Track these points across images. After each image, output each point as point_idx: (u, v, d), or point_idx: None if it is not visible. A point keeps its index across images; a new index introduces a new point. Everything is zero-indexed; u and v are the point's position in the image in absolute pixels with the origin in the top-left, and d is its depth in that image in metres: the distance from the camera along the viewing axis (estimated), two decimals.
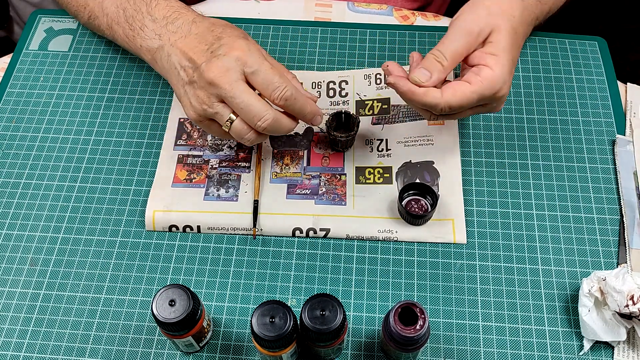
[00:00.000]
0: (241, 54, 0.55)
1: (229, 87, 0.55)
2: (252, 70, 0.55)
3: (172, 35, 0.60)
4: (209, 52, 0.57)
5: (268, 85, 0.55)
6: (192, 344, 0.55)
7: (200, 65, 0.56)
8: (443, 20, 0.81)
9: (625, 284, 0.54)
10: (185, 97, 0.58)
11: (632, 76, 0.79)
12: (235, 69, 0.55)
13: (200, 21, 0.61)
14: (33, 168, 0.69)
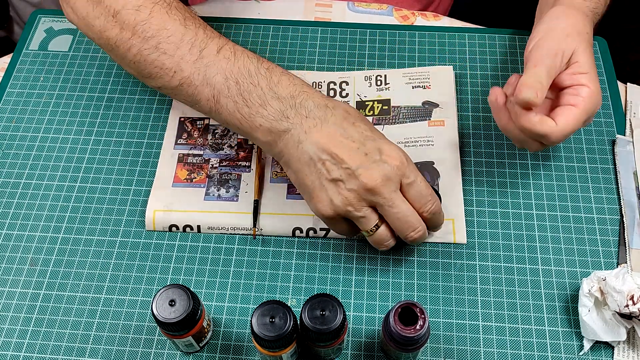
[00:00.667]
0: (400, 164, 0.54)
1: (389, 196, 0.53)
2: (409, 182, 0.54)
3: (304, 121, 0.54)
4: (363, 154, 0.53)
5: (421, 198, 0.55)
6: (192, 344, 0.55)
7: (355, 169, 0.53)
8: (443, 21, 0.81)
9: (625, 284, 0.54)
10: (323, 192, 0.54)
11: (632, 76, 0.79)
12: (395, 179, 0.53)
13: (333, 107, 0.56)
14: (33, 168, 0.69)
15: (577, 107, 0.57)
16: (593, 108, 0.58)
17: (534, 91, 0.55)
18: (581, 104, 0.57)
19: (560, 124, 0.56)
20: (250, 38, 0.78)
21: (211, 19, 0.80)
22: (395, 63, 0.76)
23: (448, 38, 0.78)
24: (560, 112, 0.57)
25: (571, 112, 0.57)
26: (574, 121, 0.56)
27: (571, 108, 0.57)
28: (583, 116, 0.57)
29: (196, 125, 0.71)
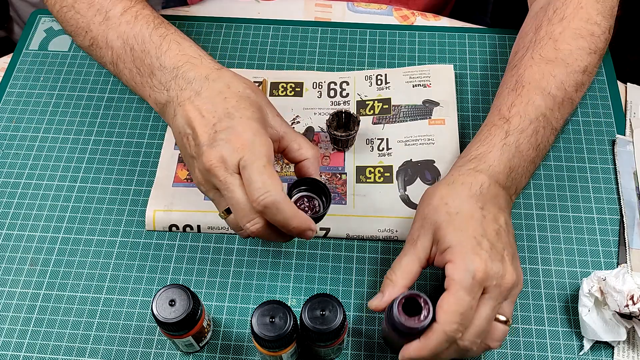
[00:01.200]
0: (242, 146, 0.49)
1: (223, 179, 0.49)
2: (243, 165, 0.49)
3: (180, 92, 0.53)
4: (214, 131, 0.50)
5: (250, 185, 0.48)
6: (192, 344, 0.55)
7: (201, 146, 0.50)
8: (443, 21, 0.81)
9: (625, 284, 0.54)
10: (189, 167, 0.53)
11: (632, 76, 0.78)
12: (231, 161, 0.49)
13: (214, 79, 0.53)
14: (33, 168, 0.69)
15: (447, 291, 0.49)
16: (468, 279, 0.48)
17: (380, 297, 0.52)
18: (450, 284, 0.49)
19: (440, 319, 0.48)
20: (250, 38, 0.78)
21: (211, 19, 0.80)
22: (395, 63, 0.76)
23: (448, 38, 0.78)
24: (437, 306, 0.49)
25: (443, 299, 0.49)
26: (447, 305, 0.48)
27: (444, 295, 0.49)
28: (458, 292, 0.48)
29: None
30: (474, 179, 0.54)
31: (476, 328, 0.49)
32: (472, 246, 0.50)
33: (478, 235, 0.50)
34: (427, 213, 0.53)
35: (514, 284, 0.50)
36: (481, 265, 0.49)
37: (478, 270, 0.48)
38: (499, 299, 0.50)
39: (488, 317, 0.49)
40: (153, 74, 0.55)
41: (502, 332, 0.51)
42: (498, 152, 0.56)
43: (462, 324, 0.48)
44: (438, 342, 0.48)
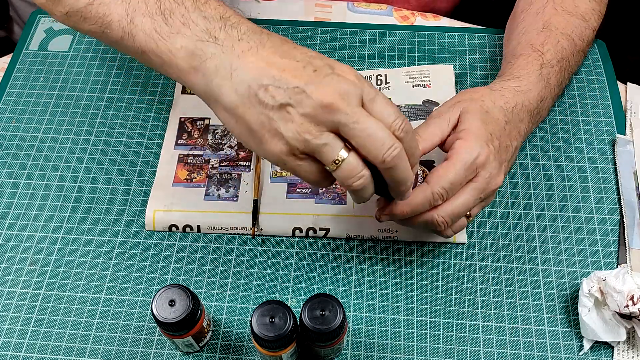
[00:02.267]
0: (356, 78, 0.45)
1: (352, 111, 0.43)
2: (370, 98, 0.45)
3: (237, 44, 0.45)
4: (312, 70, 0.44)
5: (389, 116, 0.45)
6: (192, 344, 0.55)
7: (304, 86, 0.43)
8: (443, 21, 0.81)
9: (625, 284, 0.54)
10: (271, 126, 0.44)
11: (632, 76, 0.78)
12: (354, 93, 0.44)
13: (268, 33, 0.47)
14: (33, 168, 0.69)
15: (447, 161, 0.53)
16: (469, 156, 0.52)
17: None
18: (452, 155, 0.53)
19: (432, 182, 0.52)
20: None
21: None
22: (395, 63, 0.76)
23: (448, 38, 0.78)
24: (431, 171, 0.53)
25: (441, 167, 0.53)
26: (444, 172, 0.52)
27: (442, 164, 0.53)
28: (456, 165, 0.52)
29: (196, 126, 0.71)
30: (512, 96, 0.59)
31: (453, 206, 0.53)
32: (486, 137, 0.54)
33: (494, 134, 0.55)
34: (463, 99, 0.58)
35: (496, 189, 0.55)
36: (486, 153, 0.53)
37: (482, 154, 0.53)
38: (482, 193, 0.54)
39: (467, 203, 0.54)
40: (190, 22, 0.46)
41: (462, 225, 0.56)
42: (536, 79, 0.61)
43: (447, 193, 0.52)
44: (423, 200, 0.52)
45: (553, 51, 0.63)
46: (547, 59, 0.63)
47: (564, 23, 0.65)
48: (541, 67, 0.62)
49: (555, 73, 0.63)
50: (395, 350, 0.58)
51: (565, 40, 0.64)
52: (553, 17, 0.66)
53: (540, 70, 0.62)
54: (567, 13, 0.66)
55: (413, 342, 0.58)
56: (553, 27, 0.65)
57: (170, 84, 0.74)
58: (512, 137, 0.58)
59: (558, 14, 0.66)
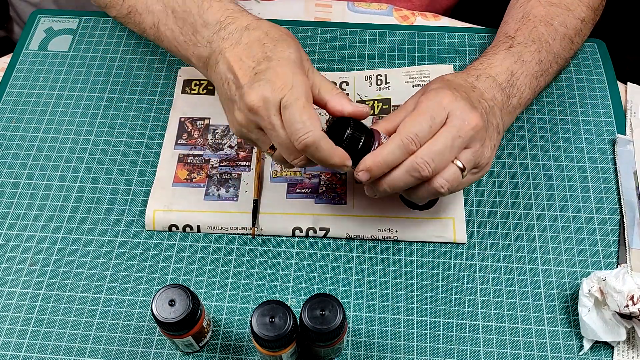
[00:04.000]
0: (282, 84, 0.51)
1: (268, 119, 0.51)
2: (285, 105, 0.50)
3: (221, 42, 0.55)
4: (254, 73, 0.52)
5: (291, 125, 0.50)
6: (192, 344, 0.55)
7: (242, 86, 0.52)
8: (443, 20, 0.81)
9: (625, 284, 0.54)
10: (228, 112, 0.56)
11: (632, 76, 0.78)
12: (273, 101, 0.51)
13: (253, 28, 0.55)
14: (33, 168, 0.69)
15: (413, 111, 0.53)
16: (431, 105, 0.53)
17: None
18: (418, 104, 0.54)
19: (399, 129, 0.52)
20: None
21: None
22: (395, 63, 0.76)
23: (448, 38, 0.78)
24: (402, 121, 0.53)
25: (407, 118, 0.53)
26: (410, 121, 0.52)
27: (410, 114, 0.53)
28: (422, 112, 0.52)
29: (196, 125, 0.71)
30: (474, 72, 0.60)
31: (431, 147, 0.52)
32: (451, 91, 0.54)
33: (458, 88, 0.55)
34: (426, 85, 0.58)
35: (475, 127, 0.52)
36: (451, 96, 0.53)
37: (446, 97, 0.53)
38: (459, 133, 0.52)
39: (445, 143, 0.52)
40: (197, 32, 0.57)
41: (454, 174, 0.53)
42: (501, 56, 0.61)
43: (416, 136, 0.51)
44: (393, 147, 0.52)
45: (527, 34, 0.63)
46: (519, 41, 0.63)
47: (543, 12, 0.66)
48: (510, 48, 0.62)
49: (530, 52, 0.62)
50: (395, 350, 0.58)
51: (542, 26, 0.64)
52: (534, 9, 0.66)
53: (509, 49, 0.62)
54: (549, 4, 0.66)
55: (413, 342, 0.58)
56: (532, 16, 0.65)
57: (170, 84, 0.74)
58: (482, 96, 0.57)
59: (540, 5, 0.66)
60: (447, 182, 0.53)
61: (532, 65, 0.62)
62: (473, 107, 0.53)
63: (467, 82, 0.58)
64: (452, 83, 0.56)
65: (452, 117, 0.52)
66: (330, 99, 0.54)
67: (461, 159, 0.53)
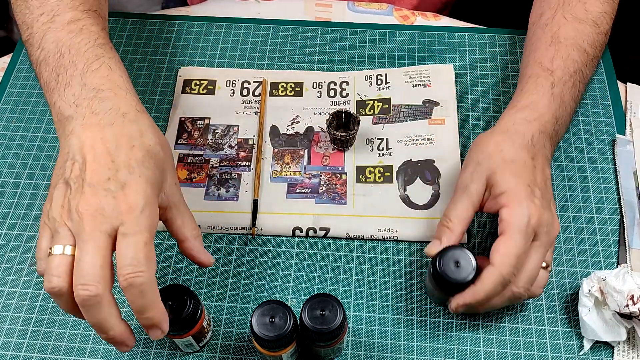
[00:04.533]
0: (127, 209, 0.44)
1: (89, 234, 0.43)
2: (124, 232, 0.44)
3: (89, 114, 0.48)
4: (106, 178, 0.45)
5: (123, 257, 0.43)
6: (192, 344, 0.55)
7: (85, 184, 0.45)
8: (443, 20, 0.81)
9: (625, 284, 0.54)
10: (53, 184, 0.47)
11: (632, 76, 0.78)
12: (110, 220, 0.44)
13: (130, 120, 0.48)
14: (33, 168, 0.68)
15: (503, 233, 0.52)
16: (520, 223, 0.51)
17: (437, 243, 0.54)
18: (506, 228, 0.51)
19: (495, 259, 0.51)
20: (250, 38, 0.78)
21: (211, 19, 0.80)
22: (395, 63, 0.76)
23: (448, 38, 0.78)
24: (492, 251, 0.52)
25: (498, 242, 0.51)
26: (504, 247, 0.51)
27: (500, 239, 0.52)
28: (514, 236, 0.51)
29: (196, 125, 0.71)
30: (527, 128, 0.56)
31: (528, 273, 0.52)
32: (527, 193, 0.52)
33: (531, 183, 0.53)
34: (481, 159, 0.55)
35: (557, 232, 0.54)
36: (536, 212, 0.51)
37: (533, 215, 0.51)
38: (547, 246, 0.53)
39: (538, 263, 0.52)
40: (70, 85, 0.50)
41: (545, 278, 0.54)
42: (547, 102, 0.58)
43: (516, 267, 0.51)
44: (494, 284, 0.50)
45: (564, 66, 0.60)
46: (558, 77, 0.60)
47: (573, 33, 0.62)
48: (552, 87, 0.59)
49: (568, 89, 0.60)
50: (395, 350, 0.58)
51: (576, 52, 0.61)
52: (562, 28, 0.63)
53: (552, 90, 0.59)
54: (577, 21, 0.63)
55: (413, 342, 0.58)
56: (562, 39, 0.62)
57: (171, 83, 0.74)
58: (544, 170, 0.56)
59: (568, 23, 0.63)
60: (542, 289, 0.55)
61: (570, 105, 0.61)
62: (550, 210, 0.53)
63: (529, 153, 0.55)
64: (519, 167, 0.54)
65: (540, 236, 0.52)
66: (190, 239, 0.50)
67: (547, 260, 0.54)
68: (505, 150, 0.55)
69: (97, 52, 0.52)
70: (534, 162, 0.55)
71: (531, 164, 0.54)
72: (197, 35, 0.78)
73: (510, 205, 0.52)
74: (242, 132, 0.70)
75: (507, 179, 0.53)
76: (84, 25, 0.54)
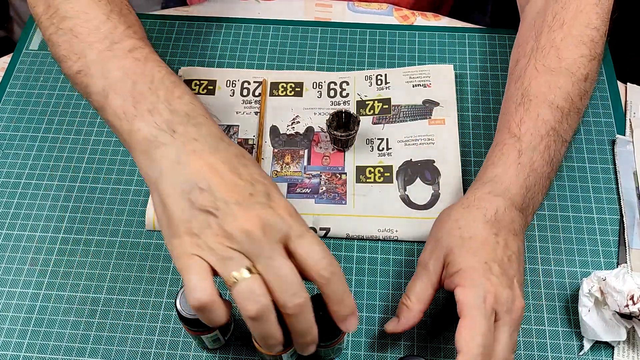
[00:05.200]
0: (288, 213, 0.44)
1: (269, 246, 0.42)
2: (298, 234, 0.43)
3: (192, 143, 0.46)
4: (248, 194, 0.44)
5: (316, 253, 0.43)
6: (218, 338, 0.55)
7: (234, 204, 0.43)
8: (443, 20, 0.81)
9: (625, 284, 0.54)
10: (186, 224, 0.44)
11: (632, 76, 0.78)
12: (278, 229, 0.43)
13: (228, 143, 0.48)
14: (33, 168, 0.69)
15: (463, 318, 0.48)
16: (476, 303, 0.48)
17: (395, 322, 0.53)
18: (462, 309, 0.48)
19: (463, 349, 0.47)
20: (250, 38, 0.78)
21: (211, 19, 0.80)
22: (395, 63, 0.76)
23: (448, 38, 0.78)
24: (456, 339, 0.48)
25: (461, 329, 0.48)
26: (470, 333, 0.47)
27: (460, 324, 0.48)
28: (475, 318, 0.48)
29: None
30: (490, 203, 0.53)
31: (500, 355, 0.48)
32: (483, 270, 0.49)
33: (490, 260, 0.50)
34: (440, 236, 0.53)
35: (522, 309, 0.50)
36: (491, 289, 0.48)
37: (489, 293, 0.48)
38: (512, 325, 0.49)
39: (508, 345, 0.49)
40: (155, 112, 0.48)
41: None
42: (513, 173, 0.55)
43: (485, 346, 0.47)
44: None
45: (533, 130, 0.56)
46: (527, 143, 0.56)
47: (545, 88, 0.58)
48: (519, 156, 0.55)
49: (539, 154, 0.56)
50: (395, 350, 0.58)
51: (547, 110, 0.57)
52: (533, 82, 0.59)
53: (519, 159, 0.55)
54: (549, 72, 0.59)
55: (413, 342, 0.58)
56: (533, 96, 0.58)
57: None
58: (509, 245, 0.52)
59: (539, 76, 0.59)
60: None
61: (543, 170, 0.56)
62: (511, 287, 0.50)
63: (490, 230, 0.52)
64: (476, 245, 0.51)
65: (501, 315, 0.49)
66: None
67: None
68: (464, 227, 0.52)
69: (173, 80, 0.50)
70: (497, 239, 0.51)
71: (493, 240, 0.51)
72: (197, 35, 0.78)
73: (464, 284, 0.49)
74: (242, 132, 0.70)
75: (463, 257, 0.51)
76: (147, 53, 0.52)
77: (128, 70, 0.50)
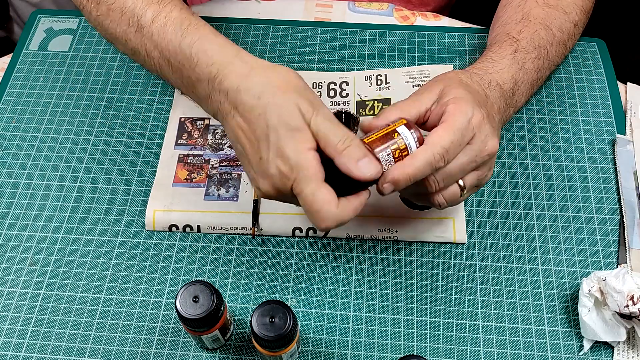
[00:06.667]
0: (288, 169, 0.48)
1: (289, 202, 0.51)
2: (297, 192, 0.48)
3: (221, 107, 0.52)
4: (259, 157, 0.49)
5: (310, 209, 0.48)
6: (218, 338, 0.55)
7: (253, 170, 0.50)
8: (443, 21, 0.81)
9: (625, 284, 0.54)
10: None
11: (632, 76, 0.78)
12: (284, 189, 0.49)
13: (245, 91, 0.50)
14: (33, 168, 0.69)
15: (444, 122, 0.50)
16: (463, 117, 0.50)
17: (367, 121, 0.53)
18: (448, 117, 0.50)
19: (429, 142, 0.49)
20: (250, 38, 0.78)
21: (211, 19, 0.80)
22: (395, 63, 0.76)
23: (448, 38, 0.78)
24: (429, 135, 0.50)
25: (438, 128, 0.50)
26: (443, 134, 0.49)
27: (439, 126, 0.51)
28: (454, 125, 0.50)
29: (196, 126, 0.71)
30: (484, 75, 0.58)
31: (448, 169, 0.51)
32: (476, 101, 0.52)
33: (480, 102, 0.53)
34: (439, 79, 0.56)
35: (492, 154, 0.52)
36: (479, 115, 0.51)
37: (476, 115, 0.51)
38: (477, 156, 0.51)
39: (462, 166, 0.51)
40: (194, 86, 0.54)
41: (454, 193, 0.53)
42: (508, 62, 0.61)
43: (448, 152, 0.49)
44: (424, 161, 0.49)
45: (529, 39, 0.63)
46: (522, 45, 0.63)
47: (543, 15, 0.66)
48: (515, 52, 0.62)
49: (531, 59, 0.63)
50: (396, 350, 0.58)
51: (543, 30, 0.65)
52: (533, 9, 0.66)
53: (514, 54, 0.62)
54: (547, 6, 0.67)
55: (413, 342, 0.58)
56: (532, 18, 0.65)
57: None
58: (494, 110, 0.56)
59: (538, 7, 0.66)
60: (446, 202, 0.53)
61: (532, 74, 0.63)
62: (494, 131, 0.53)
63: (482, 90, 0.56)
64: (472, 90, 0.54)
65: (475, 140, 0.51)
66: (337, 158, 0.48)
67: (465, 179, 0.53)
68: (463, 78, 0.56)
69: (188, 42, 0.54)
70: (487, 99, 0.56)
71: (484, 96, 0.56)
72: None
73: (457, 103, 0.51)
74: None
75: (459, 90, 0.53)
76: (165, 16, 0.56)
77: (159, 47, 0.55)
